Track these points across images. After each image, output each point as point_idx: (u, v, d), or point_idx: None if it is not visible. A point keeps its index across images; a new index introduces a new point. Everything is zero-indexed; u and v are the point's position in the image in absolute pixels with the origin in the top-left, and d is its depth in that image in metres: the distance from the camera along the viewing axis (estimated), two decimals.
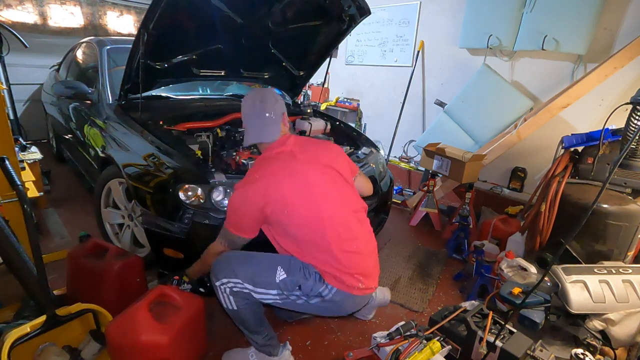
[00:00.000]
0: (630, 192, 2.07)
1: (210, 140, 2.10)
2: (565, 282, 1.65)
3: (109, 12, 5.09)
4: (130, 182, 1.85)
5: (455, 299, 2.21)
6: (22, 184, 1.23)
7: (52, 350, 1.33)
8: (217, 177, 1.71)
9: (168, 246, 1.72)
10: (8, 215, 1.60)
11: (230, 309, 1.41)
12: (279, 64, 2.77)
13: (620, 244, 1.94)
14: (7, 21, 4.25)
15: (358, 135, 2.76)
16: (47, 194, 3.07)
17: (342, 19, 2.40)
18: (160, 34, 1.92)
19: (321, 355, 1.72)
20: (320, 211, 1.36)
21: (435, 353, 1.34)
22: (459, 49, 3.51)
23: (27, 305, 1.58)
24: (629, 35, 2.60)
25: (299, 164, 1.43)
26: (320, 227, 1.35)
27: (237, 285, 1.36)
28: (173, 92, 2.66)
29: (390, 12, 4.18)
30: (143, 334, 1.26)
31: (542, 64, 3.10)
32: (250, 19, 2.23)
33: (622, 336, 1.63)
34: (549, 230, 2.09)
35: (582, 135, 2.20)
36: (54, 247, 2.42)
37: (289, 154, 1.46)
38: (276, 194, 1.34)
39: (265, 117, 1.49)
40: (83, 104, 2.61)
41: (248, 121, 1.52)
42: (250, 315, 1.43)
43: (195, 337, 1.49)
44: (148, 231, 1.76)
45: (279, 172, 1.39)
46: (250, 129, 1.52)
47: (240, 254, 1.45)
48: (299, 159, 1.45)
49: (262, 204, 1.33)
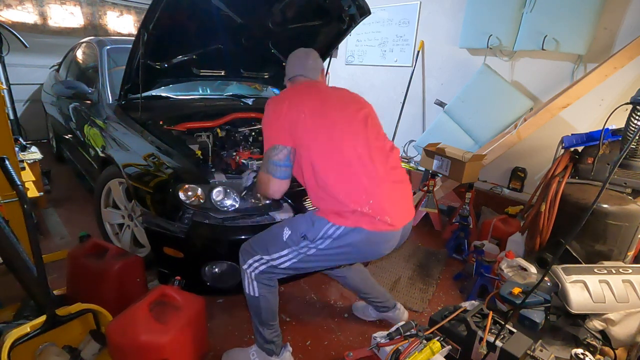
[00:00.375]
0: (630, 192, 2.07)
1: (210, 140, 2.10)
2: (565, 282, 1.65)
3: (109, 12, 5.09)
4: (130, 182, 1.85)
5: (455, 299, 2.21)
6: (22, 184, 1.23)
7: (52, 350, 1.33)
8: (217, 177, 1.71)
9: (168, 245, 1.72)
10: (8, 215, 1.60)
11: (252, 296, 1.47)
12: (279, 64, 2.77)
13: (620, 244, 1.94)
14: (7, 21, 4.25)
15: None
16: (47, 194, 3.07)
17: (342, 19, 2.40)
18: (160, 34, 1.92)
19: (321, 355, 1.72)
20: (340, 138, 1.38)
21: (435, 353, 1.34)
22: (459, 49, 3.51)
23: (27, 305, 1.58)
24: (629, 35, 2.60)
25: (326, 94, 1.52)
26: (336, 152, 1.36)
27: (259, 262, 1.43)
28: (173, 92, 2.66)
29: (390, 12, 4.18)
30: (143, 334, 1.26)
31: (542, 64, 3.10)
32: (250, 19, 2.23)
33: (622, 336, 1.63)
34: (549, 230, 2.09)
35: (582, 135, 2.20)
36: (54, 247, 2.42)
37: (318, 88, 1.56)
38: (300, 105, 1.40)
39: (310, 61, 1.64)
40: (83, 104, 2.61)
41: (294, 60, 1.65)
42: (267, 305, 1.49)
43: (196, 337, 1.49)
44: (148, 230, 1.75)
45: (304, 92, 1.51)
46: (295, 64, 1.64)
47: (257, 236, 1.51)
48: (327, 91, 1.55)
49: (286, 111, 1.39)
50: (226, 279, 1.74)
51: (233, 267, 1.70)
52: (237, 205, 1.70)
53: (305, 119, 1.38)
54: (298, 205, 1.79)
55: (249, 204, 1.73)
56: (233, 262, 1.68)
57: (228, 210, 1.68)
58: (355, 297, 2.12)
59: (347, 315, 2.00)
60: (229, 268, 1.72)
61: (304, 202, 1.80)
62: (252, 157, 2.02)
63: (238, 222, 1.68)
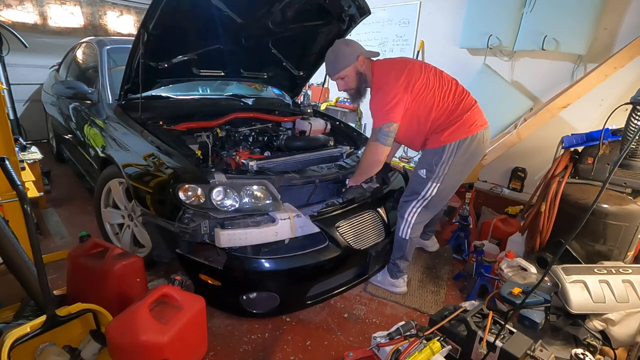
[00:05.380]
0: (630, 192, 2.07)
1: (210, 140, 2.10)
2: (565, 282, 1.65)
3: (109, 12, 5.09)
4: (130, 182, 1.85)
5: (455, 299, 2.21)
6: (22, 184, 1.22)
7: (52, 350, 1.32)
8: (217, 177, 1.71)
9: (205, 273, 1.73)
10: (8, 215, 1.60)
11: (403, 238, 2.01)
12: (279, 64, 2.77)
13: (620, 244, 1.94)
14: (7, 21, 4.25)
15: (358, 135, 2.76)
16: (47, 194, 3.07)
17: (342, 19, 2.40)
18: (160, 34, 1.92)
19: (321, 355, 1.72)
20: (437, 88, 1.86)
21: (435, 353, 1.34)
22: (459, 49, 3.51)
23: (27, 305, 1.58)
24: (629, 35, 2.60)
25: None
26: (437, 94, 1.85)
27: (416, 203, 1.96)
28: (173, 92, 2.66)
29: (390, 12, 4.18)
30: (143, 333, 1.26)
31: (542, 64, 3.10)
32: (250, 18, 2.23)
33: (622, 336, 1.63)
34: (549, 230, 2.09)
35: (582, 135, 2.20)
36: (54, 247, 2.42)
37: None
38: (414, 69, 1.85)
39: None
40: (83, 104, 2.61)
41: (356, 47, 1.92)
42: (412, 245, 2.05)
43: (196, 337, 1.48)
44: (182, 258, 1.75)
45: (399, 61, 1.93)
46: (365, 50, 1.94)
47: (405, 192, 2.04)
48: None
49: (400, 82, 1.81)
50: (264, 305, 1.78)
51: (272, 295, 1.75)
52: (237, 205, 1.70)
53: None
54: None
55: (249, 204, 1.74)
56: (271, 292, 1.75)
57: (228, 211, 1.68)
58: (355, 299, 2.13)
59: (347, 315, 2.00)
60: (268, 296, 1.76)
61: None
62: (252, 157, 2.03)
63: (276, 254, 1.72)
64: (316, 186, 1.95)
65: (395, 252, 2.08)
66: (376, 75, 1.90)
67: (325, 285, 1.88)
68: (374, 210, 2.07)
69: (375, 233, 2.02)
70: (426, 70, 1.88)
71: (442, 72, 1.95)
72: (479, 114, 1.92)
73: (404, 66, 1.87)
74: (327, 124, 2.71)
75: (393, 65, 1.91)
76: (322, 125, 2.67)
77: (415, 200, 1.96)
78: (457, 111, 1.85)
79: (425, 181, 1.91)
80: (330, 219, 1.86)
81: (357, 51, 1.90)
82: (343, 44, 1.93)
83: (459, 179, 1.99)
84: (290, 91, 3.11)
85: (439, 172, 1.88)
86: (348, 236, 1.87)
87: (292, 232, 1.72)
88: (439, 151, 1.87)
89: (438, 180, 1.89)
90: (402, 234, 2.01)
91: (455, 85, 1.92)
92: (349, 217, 1.93)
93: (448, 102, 1.86)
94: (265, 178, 1.80)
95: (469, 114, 1.85)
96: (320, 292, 1.87)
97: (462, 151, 1.85)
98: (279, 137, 2.35)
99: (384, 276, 2.18)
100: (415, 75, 1.84)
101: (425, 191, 1.92)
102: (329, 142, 2.46)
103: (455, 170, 1.89)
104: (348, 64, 1.89)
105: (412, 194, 1.98)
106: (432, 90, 1.85)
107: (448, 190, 1.98)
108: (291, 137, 2.41)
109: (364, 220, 2.00)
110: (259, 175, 1.84)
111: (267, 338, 1.80)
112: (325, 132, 2.70)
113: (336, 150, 2.33)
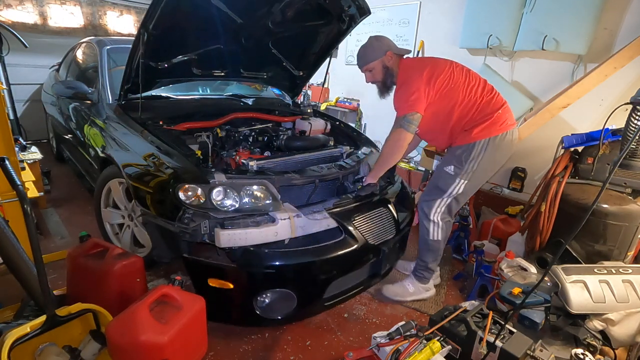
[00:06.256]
0: (630, 192, 2.07)
1: (210, 140, 2.10)
2: (565, 282, 1.65)
3: (109, 12, 5.09)
4: (130, 182, 1.85)
5: (455, 299, 2.21)
6: (22, 184, 1.22)
7: (52, 350, 1.32)
8: (217, 177, 1.70)
9: (215, 276, 1.63)
10: (8, 215, 1.60)
11: (435, 240, 2.01)
12: (279, 64, 2.77)
13: (620, 244, 1.94)
14: (7, 21, 4.25)
15: (358, 135, 2.76)
16: (47, 194, 3.07)
17: (342, 19, 2.40)
18: (160, 34, 1.92)
19: (321, 355, 1.72)
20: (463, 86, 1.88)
21: (435, 353, 1.34)
22: (459, 49, 3.51)
23: (27, 305, 1.58)
24: (629, 35, 2.60)
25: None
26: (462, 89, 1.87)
27: (441, 202, 1.95)
28: (173, 92, 2.66)
29: (390, 12, 4.18)
30: (142, 334, 1.26)
31: (542, 64, 3.10)
32: (250, 18, 2.23)
33: (622, 336, 1.63)
34: (549, 230, 2.09)
35: (582, 135, 2.20)
36: (54, 247, 2.42)
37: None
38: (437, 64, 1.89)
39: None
40: (83, 104, 2.61)
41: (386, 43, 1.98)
42: (442, 246, 2.06)
43: (196, 337, 1.48)
44: (188, 261, 1.66)
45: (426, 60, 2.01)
46: (396, 46, 1.99)
47: (427, 191, 2.05)
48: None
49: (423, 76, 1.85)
50: (281, 307, 1.69)
51: (289, 294, 1.67)
52: (237, 205, 1.70)
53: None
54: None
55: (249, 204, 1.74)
56: (289, 290, 1.66)
57: (228, 211, 1.68)
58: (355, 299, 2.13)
59: (347, 315, 2.00)
60: (284, 295, 1.67)
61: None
62: (252, 157, 2.02)
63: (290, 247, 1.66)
64: (316, 186, 1.95)
65: (428, 257, 2.07)
66: (402, 71, 1.96)
67: (341, 285, 1.82)
68: (385, 207, 2.05)
69: (388, 229, 1.99)
70: (451, 66, 1.91)
71: (469, 69, 1.97)
72: (509, 113, 1.92)
73: (429, 62, 1.93)
74: (327, 124, 2.71)
75: (418, 62, 1.99)
76: (322, 125, 2.67)
77: (440, 199, 1.95)
78: (488, 109, 1.87)
79: (452, 177, 1.91)
80: (345, 213, 1.84)
81: (386, 47, 1.96)
82: (374, 39, 2.00)
83: (485, 176, 2.00)
84: (290, 91, 3.11)
85: (468, 169, 1.88)
86: (364, 230, 1.84)
87: (292, 232, 1.72)
88: (469, 147, 1.88)
89: (467, 176, 1.90)
90: (432, 236, 2.00)
91: (483, 82, 1.93)
92: (363, 212, 1.91)
93: (475, 98, 1.87)
94: (265, 178, 1.80)
95: (500, 112, 1.87)
96: (337, 292, 1.81)
97: (493, 148, 1.86)
98: (279, 137, 2.35)
99: (406, 287, 2.13)
100: (438, 69, 1.87)
101: (452, 188, 1.92)
102: (329, 142, 2.46)
103: (483, 168, 1.90)
104: (376, 57, 1.96)
105: (436, 192, 1.97)
106: (456, 85, 1.86)
107: (473, 188, 1.99)
108: (291, 137, 2.41)
109: (377, 215, 1.98)
110: (259, 175, 1.84)
111: (267, 338, 1.80)
112: (325, 132, 2.70)
113: (336, 150, 2.33)
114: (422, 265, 2.11)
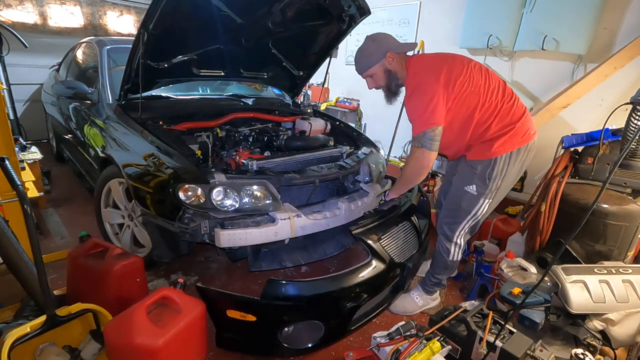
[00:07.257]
0: (630, 192, 2.07)
1: (210, 140, 2.10)
2: (565, 282, 1.65)
3: (109, 12, 5.09)
4: (130, 182, 1.85)
5: (455, 299, 2.21)
6: (22, 184, 1.22)
7: (52, 350, 1.32)
8: (217, 177, 1.71)
9: (235, 308, 1.49)
10: (8, 215, 1.60)
11: (454, 260, 1.89)
12: (279, 64, 2.77)
13: (620, 244, 1.94)
14: (7, 21, 4.25)
15: (358, 135, 2.76)
16: (47, 194, 3.07)
17: (342, 19, 2.40)
18: (160, 34, 1.92)
19: (321, 355, 1.72)
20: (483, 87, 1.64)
21: (435, 353, 1.34)
22: (459, 49, 3.51)
23: (27, 305, 1.58)
24: (629, 35, 2.60)
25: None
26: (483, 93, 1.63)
27: (465, 225, 1.80)
28: (173, 92, 2.66)
29: (390, 12, 4.19)
30: (138, 336, 1.24)
31: (542, 64, 3.10)
32: (250, 18, 2.23)
33: (622, 336, 1.63)
34: (549, 230, 2.09)
35: (582, 135, 2.20)
36: (54, 247, 2.42)
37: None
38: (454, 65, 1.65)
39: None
40: (83, 104, 2.61)
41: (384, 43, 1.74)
42: (455, 267, 1.97)
43: (194, 342, 1.45)
44: (200, 289, 1.53)
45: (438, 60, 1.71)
46: (397, 44, 1.76)
47: (446, 212, 1.86)
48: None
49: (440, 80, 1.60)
50: (307, 338, 1.60)
51: (316, 325, 1.58)
52: (237, 205, 1.70)
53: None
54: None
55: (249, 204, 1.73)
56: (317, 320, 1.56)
57: (228, 211, 1.68)
58: None
59: None
60: (311, 327, 1.59)
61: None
62: (252, 157, 2.02)
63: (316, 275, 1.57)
64: (316, 186, 1.95)
65: (443, 274, 1.97)
66: (411, 74, 1.70)
67: (366, 307, 1.72)
68: (409, 220, 2.00)
69: (412, 244, 1.94)
70: (469, 66, 1.66)
71: (487, 68, 1.73)
72: (530, 121, 1.71)
73: (444, 62, 1.67)
74: (327, 124, 2.71)
75: (431, 62, 1.71)
76: (322, 125, 2.67)
77: (465, 220, 1.78)
78: (507, 118, 1.64)
79: (476, 198, 1.72)
80: (370, 231, 1.77)
81: (385, 47, 1.70)
82: (370, 40, 1.74)
83: (507, 190, 1.81)
84: (290, 91, 3.11)
85: (492, 187, 1.70)
86: (389, 249, 1.77)
87: (292, 232, 1.72)
88: (490, 163, 1.67)
89: (491, 196, 1.73)
90: (452, 257, 1.87)
91: (503, 85, 1.70)
92: (387, 229, 1.85)
93: (495, 104, 1.64)
94: (265, 178, 1.80)
95: (521, 122, 1.65)
96: (363, 313, 1.72)
97: (515, 162, 1.68)
98: (279, 137, 2.35)
99: (415, 300, 2.04)
100: (456, 70, 1.62)
101: (477, 209, 1.74)
102: (329, 142, 2.46)
103: (506, 184, 1.74)
104: (374, 61, 1.72)
105: (459, 214, 1.78)
106: (476, 87, 1.62)
107: (496, 203, 1.81)
108: (291, 137, 2.41)
109: (402, 231, 1.93)
110: (259, 175, 1.84)
111: None
112: (325, 132, 2.70)
113: (336, 150, 2.33)
114: (434, 282, 2.00)
